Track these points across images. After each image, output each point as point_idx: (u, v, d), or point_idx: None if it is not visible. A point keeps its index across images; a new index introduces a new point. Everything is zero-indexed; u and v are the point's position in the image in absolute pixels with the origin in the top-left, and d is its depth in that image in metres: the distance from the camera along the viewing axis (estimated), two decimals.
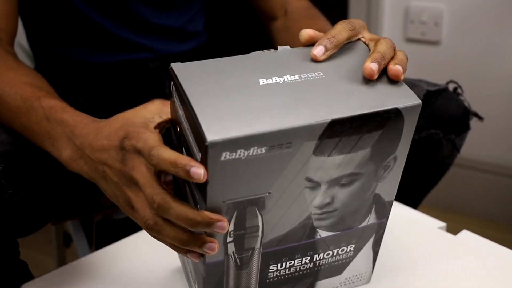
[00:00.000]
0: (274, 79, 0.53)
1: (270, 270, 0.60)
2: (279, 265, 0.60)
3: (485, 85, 1.51)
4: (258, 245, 0.57)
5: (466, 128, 0.86)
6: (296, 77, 0.54)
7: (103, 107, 0.87)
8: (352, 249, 0.62)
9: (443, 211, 1.65)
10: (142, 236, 0.79)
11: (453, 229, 0.82)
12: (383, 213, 0.61)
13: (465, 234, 0.77)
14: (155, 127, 0.57)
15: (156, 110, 0.59)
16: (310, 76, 0.54)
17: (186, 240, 0.52)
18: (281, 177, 0.52)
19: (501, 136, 1.54)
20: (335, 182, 0.55)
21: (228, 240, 0.55)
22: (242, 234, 0.55)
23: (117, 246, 0.77)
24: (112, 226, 1.00)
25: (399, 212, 0.82)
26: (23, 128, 0.66)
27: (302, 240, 0.58)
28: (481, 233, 0.78)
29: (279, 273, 0.61)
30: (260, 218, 0.54)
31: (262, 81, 0.53)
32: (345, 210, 0.58)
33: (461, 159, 1.58)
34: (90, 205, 0.91)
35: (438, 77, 1.24)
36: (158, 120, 0.58)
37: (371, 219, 0.61)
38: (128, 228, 0.91)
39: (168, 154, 0.51)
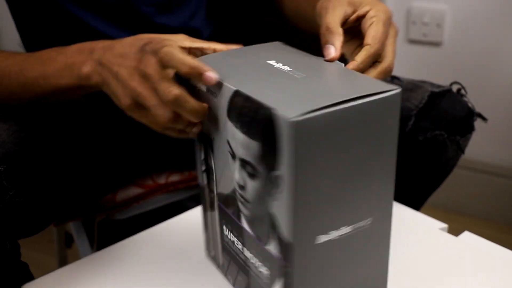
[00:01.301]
0: (278, 64, 0.58)
1: (224, 231, 0.64)
2: (228, 230, 0.62)
3: (486, 86, 1.51)
4: (214, 190, 0.63)
5: (470, 129, 0.86)
6: (288, 69, 0.57)
7: (105, 105, 0.87)
8: (268, 277, 0.56)
9: (445, 212, 1.65)
10: (144, 237, 0.79)
11: (454, 230, 0.82)
12: (287, 255, 0.52)
13: (466, 235, 0.77)
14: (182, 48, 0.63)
15: (185, 37, 0.64)
16: (295, 73, 0.56)
17: (204, 112, 0.58)
18: (215, 127, 0.58)
19: (503, 137, 1.54)
20: (243, 165, 0.54)
21: (202, 169, 0.64)
22: (208, 170, 0.63)
23: (118, 247, 0.77)
24: (114, 227, 1.00)
25: (400, 213, 0.82)
26: (36, 77, 0.67)
27: (234, 214, 0.60)
28: (483, 235, 0.78)
29: (230, 241, 0.63)
30: (212, 161, 0.61)
31: (270, 62, 0.59)
32: (254, 209, 0.55)
33: (463, 160, 1.57)
34: (91, 206, 0.91)
35: (440, 78, 1.24)
36: (187, 44, 0.63)
37: (273, 247, 0.54)
38: (129, 228, 0.91)
39: (183, 55, 0.56)
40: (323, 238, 0.52)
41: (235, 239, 0.61)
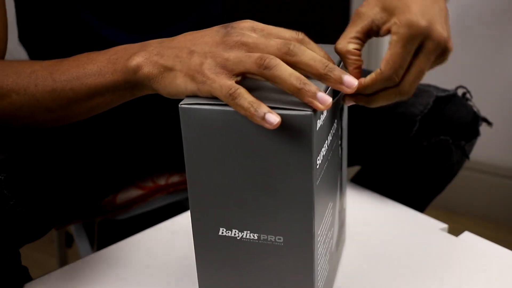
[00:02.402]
0: None
1: None
2: None
3: (488, 88, 1.51)
4: None
5: (475, 134, 0.85)
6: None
7: (113, 111, 0.85)
8: None
9: (445, 212, 1.65)
10: (144, 237, 0.79)
11: (455, 231, 0.82)
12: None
13: (467, 235, 0.77)
14: None
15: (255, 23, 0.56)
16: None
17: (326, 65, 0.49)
18: None
19: (504, 138, 1.54)
20: None
21: None
22: None
23: (118, 247, 0.77)
24: (114, 227, 1.00)
25: (401, 214, 0.82)
26: (69, 79, 0.58)
27: None
28: (483, 235, 0.78)
29: None
30: None
31: None
32: None
33: None
34: (92, 209, 0.91)
35: (443, 81, 1.24)
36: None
37: None
38: (129, 228, 0.91)
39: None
40: (225, 232, 0.55)
41: None
